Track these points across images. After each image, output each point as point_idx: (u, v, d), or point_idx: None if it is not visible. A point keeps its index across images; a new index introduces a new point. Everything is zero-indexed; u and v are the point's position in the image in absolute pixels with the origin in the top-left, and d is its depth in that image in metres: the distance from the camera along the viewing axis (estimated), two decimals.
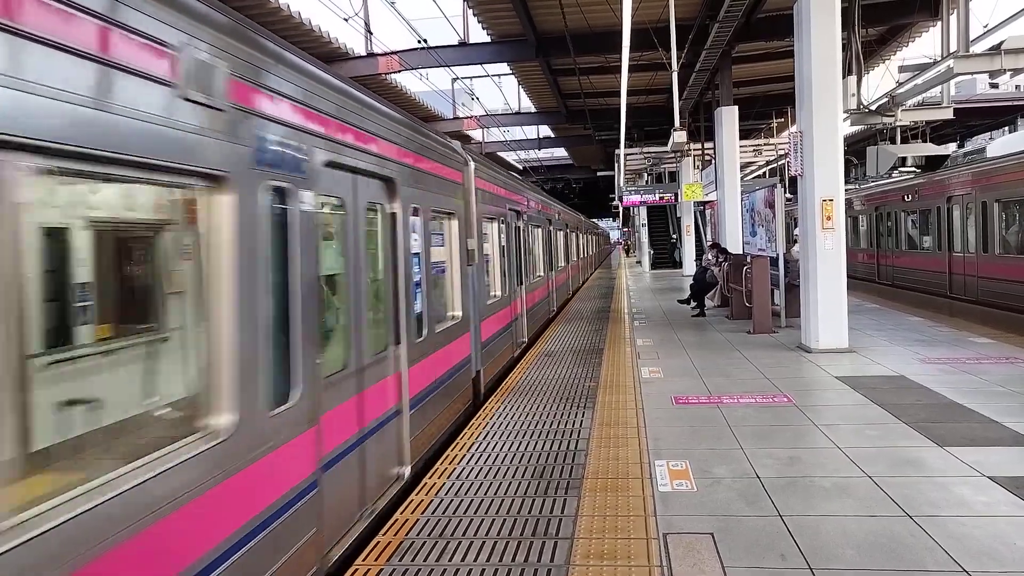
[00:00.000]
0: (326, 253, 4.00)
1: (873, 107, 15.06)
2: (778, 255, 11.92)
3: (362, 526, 4.30)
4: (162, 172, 2.57)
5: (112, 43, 2.30)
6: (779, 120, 27.83)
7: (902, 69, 19.78)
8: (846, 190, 14.29)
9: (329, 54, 17.35)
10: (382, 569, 3.71)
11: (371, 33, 18.17)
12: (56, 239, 2.59)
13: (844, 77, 11.88)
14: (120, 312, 3.05)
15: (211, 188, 2.87)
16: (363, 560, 3.82)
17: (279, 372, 3.31)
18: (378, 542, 4.03)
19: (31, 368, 2.12)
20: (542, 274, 14.61)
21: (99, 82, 2.23)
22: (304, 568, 3.47)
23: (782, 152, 26.42)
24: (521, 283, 11.55)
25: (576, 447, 5.67)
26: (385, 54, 18.43)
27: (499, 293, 9.66)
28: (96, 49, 2.23)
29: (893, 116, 14.80)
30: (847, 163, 22.83)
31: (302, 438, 3.50)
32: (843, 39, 10.01)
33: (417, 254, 5.67)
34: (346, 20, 14.56)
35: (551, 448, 5.68)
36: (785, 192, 13.01)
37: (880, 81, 20.39)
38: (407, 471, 5.14)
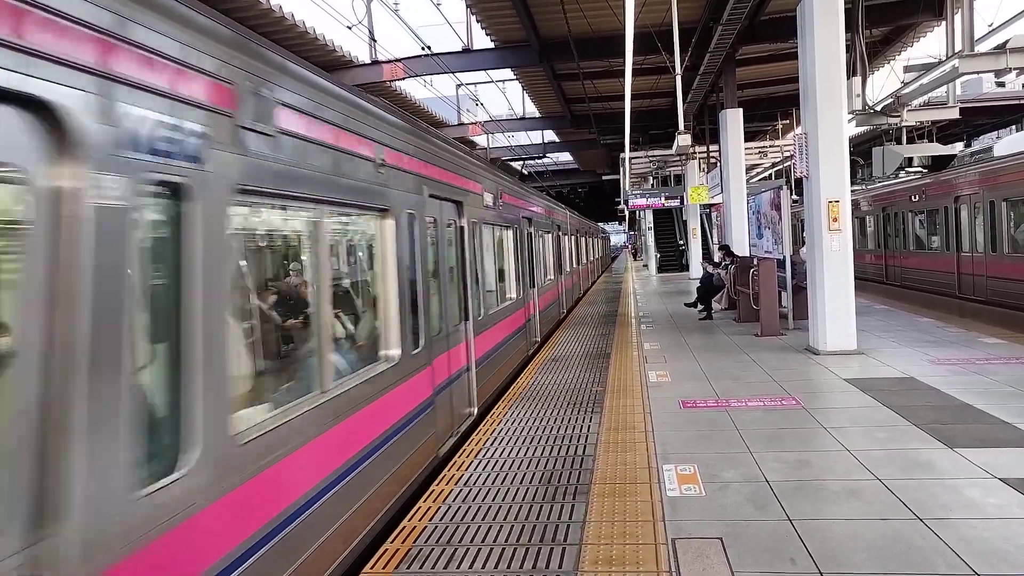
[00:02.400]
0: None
1: (878, 108, 14.99)
2: (785, 257, 11.88)
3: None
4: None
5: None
6: (784, 122, 27.77)
7: (907, 69, 19.72)
8: (852, 191, 14.24)
9: (333, 63, 17.42)
10: None
11: (375, 41, 18.25)
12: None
13: (849, 78, 11.86)
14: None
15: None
16: (371, 568, 3.82)
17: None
18: (386, 550, 4.03)
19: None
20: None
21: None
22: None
23: (787, 154, 26.36)
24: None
25: (584, 452, 5.66)
26: (389, 61, 18.50)
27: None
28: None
29: (899, 116, 14.73)
30: (853, 164, 22.73)
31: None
32: (847, 40, 9.98)
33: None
34: (350, 28, 14.61)
35: (559, 453, 5.66)
36: (791, 194, 12.97)
37: (885, 81, 20.31)
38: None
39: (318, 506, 3.54)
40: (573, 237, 20.78)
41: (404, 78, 19.10)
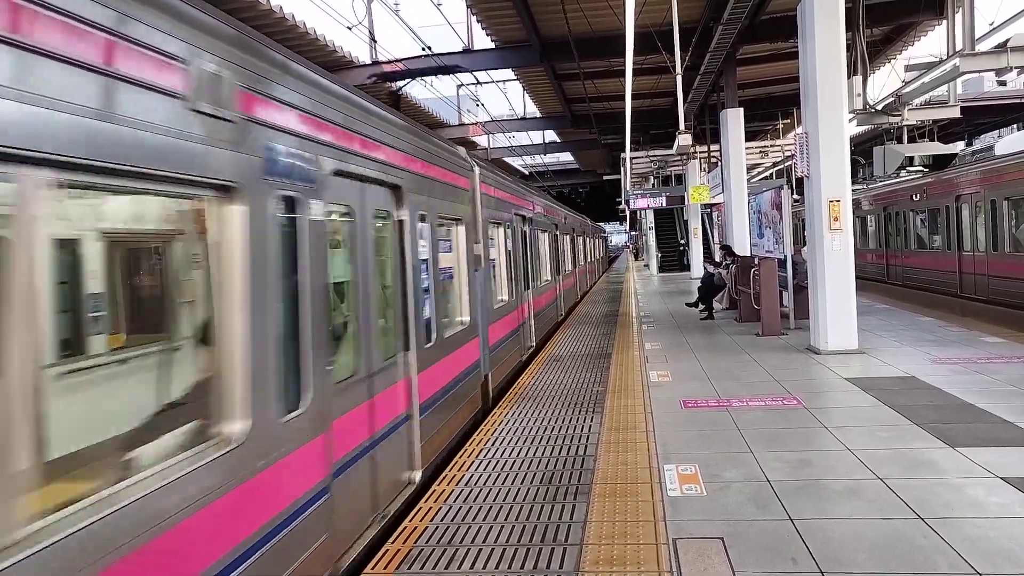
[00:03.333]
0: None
1: (879, 107, 14.98)
2: (786, 256, 11.87)
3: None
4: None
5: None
6: (785, 121, 27.75)
7: (908, 68, 19.72)
8: (854, 190, 14.22)
9: (334, 63, 17.42)
10: None
11: (375, 41, 18.25)
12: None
13: (849, 77, 11.84)
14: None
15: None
16: (372, 569, 3.81)
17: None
18: (387, 550, 4.03)
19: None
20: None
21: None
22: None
23: (788, 153, 26.35)
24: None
25: (585, 452, 5.65)
26: (390, 62, 18.50)
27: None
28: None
29: (900, 115, 14.71)
30: (854, 163, 22.73)
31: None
32: (847, 39, 9.97)
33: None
34: (350, 29, 14.61)
35: (560, 453, 5.66)
36: (792, 193, 12.96)
37: (886, 81, 20.30)
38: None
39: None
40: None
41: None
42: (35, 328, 2.01)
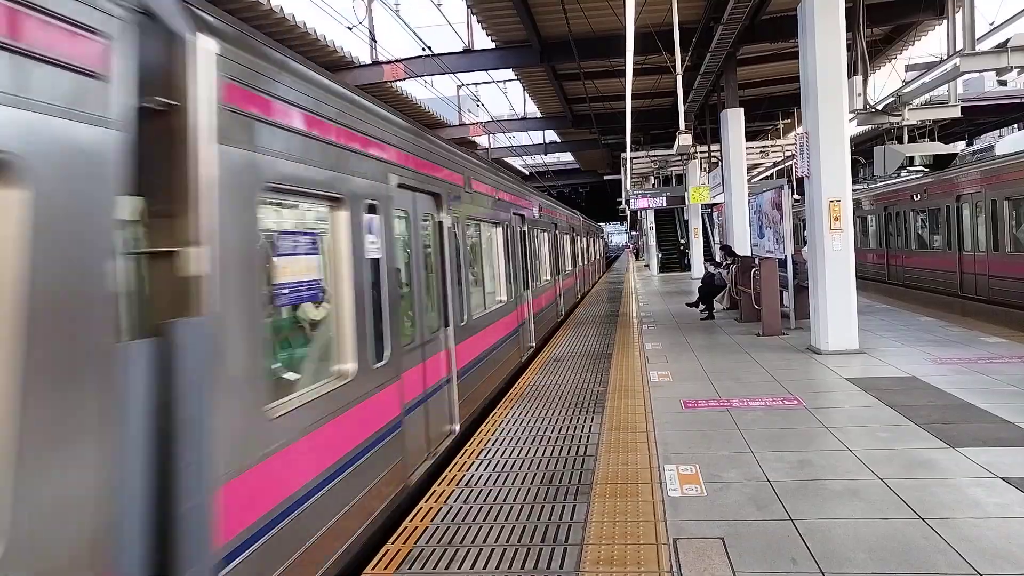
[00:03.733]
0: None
1: (880, 107, 14.98)
2: (786, 257, 11.87)
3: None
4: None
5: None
6: (785, 121, 27.76)
7: (908, 68, 19.72)
8: (854, 190, 14.23)
9: (335, 63, 17.43)
10: None
11: (375, 41, 18.26)
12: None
13: (849, 77, 11.84)
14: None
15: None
16: (372, 569, 3.82)
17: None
18: (387, 551, 4.03)
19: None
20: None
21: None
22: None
23: (789, 153, 26.35)
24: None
25: (585, 452, 5.65)
26: (390, 62, 18.52)
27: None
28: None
29: (900, 115, 14.70)
30: (855, 163, 22.74)
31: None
32: (848, 39, 9.97)
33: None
34: (350, 29, 14.62)
35: (560, 454, 5.66)
36: (792, 193, 12.96)
37: (887, 80, 20.31)
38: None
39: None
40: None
41: (405, 79, 19.11)
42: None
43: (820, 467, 5.04)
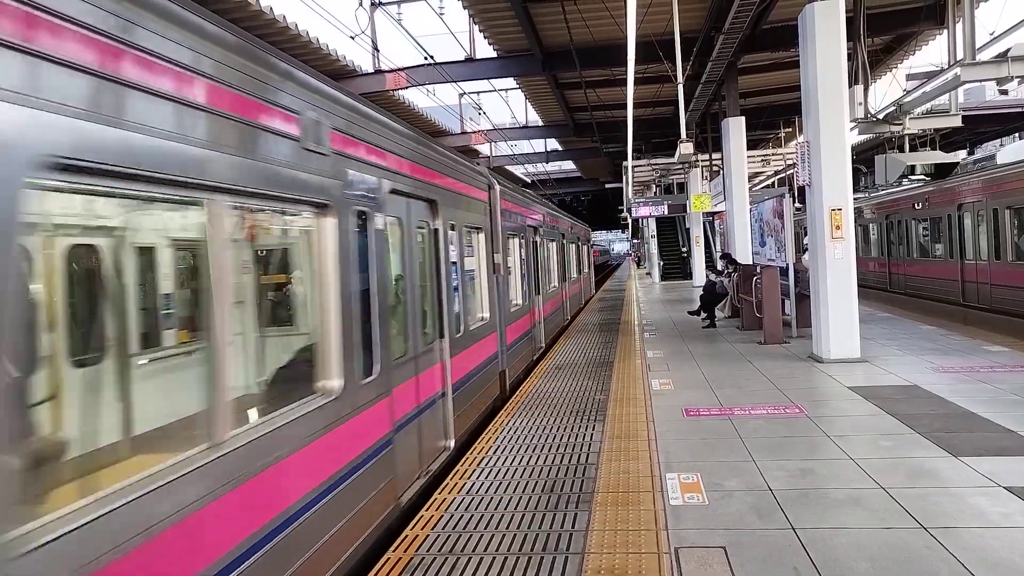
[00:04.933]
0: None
1: (880, 116, 15.01)
2: (788, 265, 11.88)
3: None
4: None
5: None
6: (787, 130, 27.79)
7: (909, 77, 19.73)
8: (855, 199, 14.24)
9: (337, 72, 17.50)
10: None
11: (378, 50, 18.33)
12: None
13: (850, 86, 11.87)
14: None
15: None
16: None
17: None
18: (388, 559, 4.02)
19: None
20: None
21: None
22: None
23: (790, 162, 26.37)
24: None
25: (587, 460, 5.65)
26: (392, 71, 18.57)
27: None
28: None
29: (901, 124, 14.75)
30: (856, 172, 22.75)
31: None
32: (848, 48, 10.01)
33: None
34: (353, 38, 14.68)
35: (561, 462, 5.65)
36: (794, 202, 12.97)
37: (888, 90, 20.35)
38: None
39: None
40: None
41: (407, 87, 19.17)
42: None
43: (822, 476, 5.03)
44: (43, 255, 2.81)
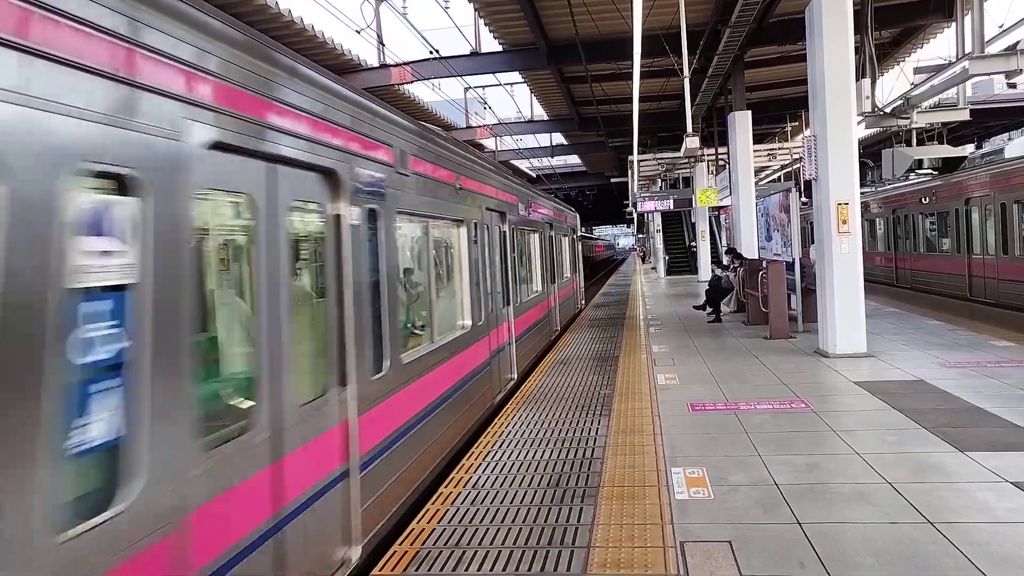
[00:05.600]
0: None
1: (888, 109, 14.93)
2: (794, 260, 11.84)
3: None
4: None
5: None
6: (793, 124, 27.68)
7: (917, 71, 19.59)
8: (862, 193, 14.17)
9: (342, 66, 17.48)
10: None
11: (383, 45, 18.31)
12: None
13: (858, 80, 11.80)
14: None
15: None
16: (379, 570, 3.83)
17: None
18: (395, 551, 4.04)
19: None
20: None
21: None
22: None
23: (796, 156, 26.27)
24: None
25: (592, 455, 5.65)
26: (397, 65, 18.55)
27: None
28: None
29: (908, 118, 14.65)
30: (862, 166, 22.59)
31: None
32: (856, 41, 9.95)
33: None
34: (358, 32, 14.68)
35: (567, 456, 5.66)
36: (800, 196, 12.92)
37: (895, 83, 20.23)
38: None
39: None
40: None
41: (412, 81, 19.14)
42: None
43: (828, 470, 5.03)
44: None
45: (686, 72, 13.77)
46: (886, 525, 4.05)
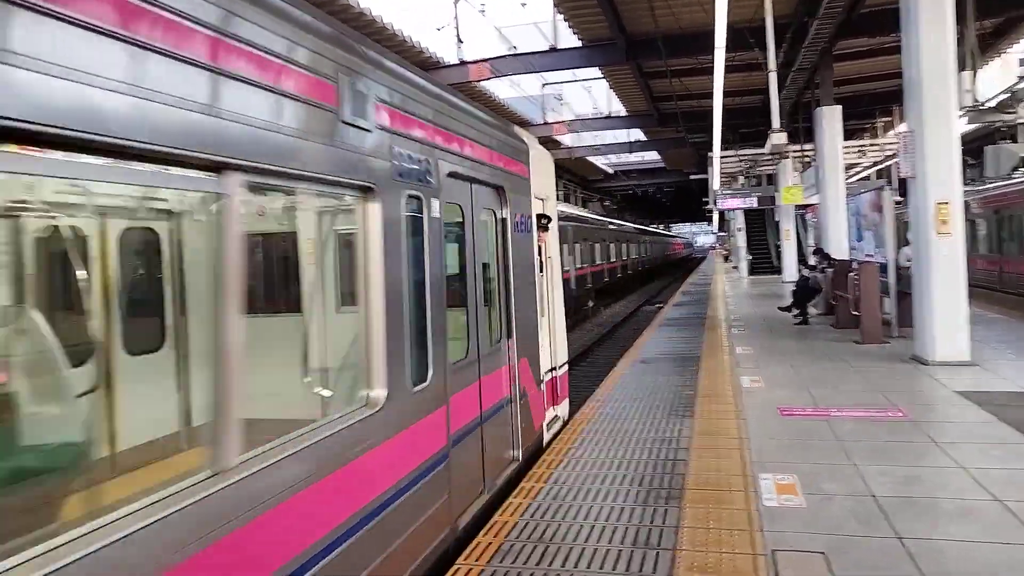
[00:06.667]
0: None
1: (991, 104, 14.05)
2: (888, 261, 11.29)
3: None
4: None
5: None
6: (885, 119, 26.45)
7: (1022, 63, 18.41)
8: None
9: (422, 64, 17.78)
10: (483, 569, 3.74)
11: (461, 42, 18.52)
12: None
13: (958, 72, 11.14)
14: None
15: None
16: (464, 560, 3.86)
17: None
18: (479, 543, 4.07)
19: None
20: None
21: None
22: None
23: (889, 153, 25.05)
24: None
25: (675, 456, 5.54)
26: (476, 62, 18.72)
27: None
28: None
29: (1014, 113, 13.77)
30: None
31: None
32: (956, 32, 9.39)
33: None
34: (439, 30, 14.91)
35: (648, 456, 5.57)
36: (895, 194, 12.31)
37: (996, 76, 19.05)
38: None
39: None
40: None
41: (490, 78, 19.29)
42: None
43: (929, 484, 4.76)
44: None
45: (772, 66, 13.35)
46: (997, 545, 3.79)
